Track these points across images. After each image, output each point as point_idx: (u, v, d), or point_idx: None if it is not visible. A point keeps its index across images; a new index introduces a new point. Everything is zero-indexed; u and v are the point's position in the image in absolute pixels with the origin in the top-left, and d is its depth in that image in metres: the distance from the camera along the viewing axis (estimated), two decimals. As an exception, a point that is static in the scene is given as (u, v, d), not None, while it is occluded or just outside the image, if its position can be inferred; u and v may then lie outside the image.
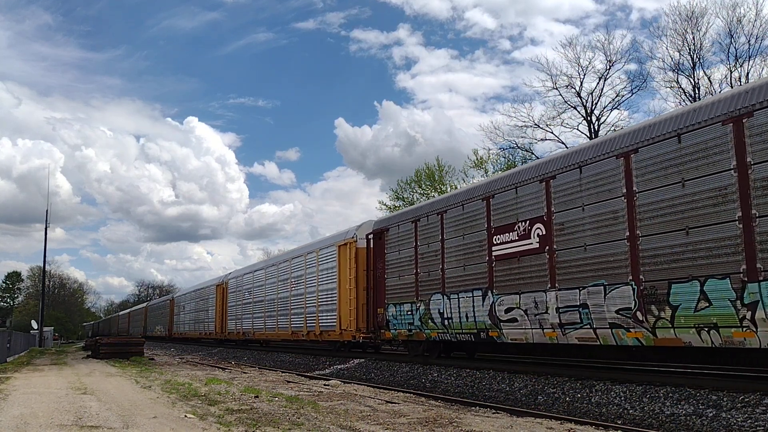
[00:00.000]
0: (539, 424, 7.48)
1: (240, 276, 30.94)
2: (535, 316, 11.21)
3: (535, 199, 11.46)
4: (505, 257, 12.08)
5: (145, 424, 7.31)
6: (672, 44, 30.62)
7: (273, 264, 26.41)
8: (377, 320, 16.99)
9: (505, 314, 12.00)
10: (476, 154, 37.85)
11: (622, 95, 33.28)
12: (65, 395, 10.65)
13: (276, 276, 25.40)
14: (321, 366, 18.30)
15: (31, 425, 7.33)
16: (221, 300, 33.45)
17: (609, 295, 9.72)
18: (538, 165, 11.75)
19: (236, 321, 30.39)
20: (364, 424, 7.33)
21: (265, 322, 26.17)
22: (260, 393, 10.47)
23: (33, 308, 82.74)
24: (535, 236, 11.34)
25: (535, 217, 11.38)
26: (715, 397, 7.95)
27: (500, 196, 12.40)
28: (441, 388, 12.25)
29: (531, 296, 11.32)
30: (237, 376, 15.50)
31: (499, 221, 12.38)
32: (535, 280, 11.26)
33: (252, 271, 29.12)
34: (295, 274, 23.19)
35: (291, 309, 23.31)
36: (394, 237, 16.37)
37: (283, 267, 24.66)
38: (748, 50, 28.39)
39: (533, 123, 35.14)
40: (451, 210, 14.02)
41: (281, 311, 24.37)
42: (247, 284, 29.27)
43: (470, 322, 13.01)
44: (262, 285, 27.02)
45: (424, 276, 14.76)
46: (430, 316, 14.42)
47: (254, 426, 7.02)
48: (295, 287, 23.14)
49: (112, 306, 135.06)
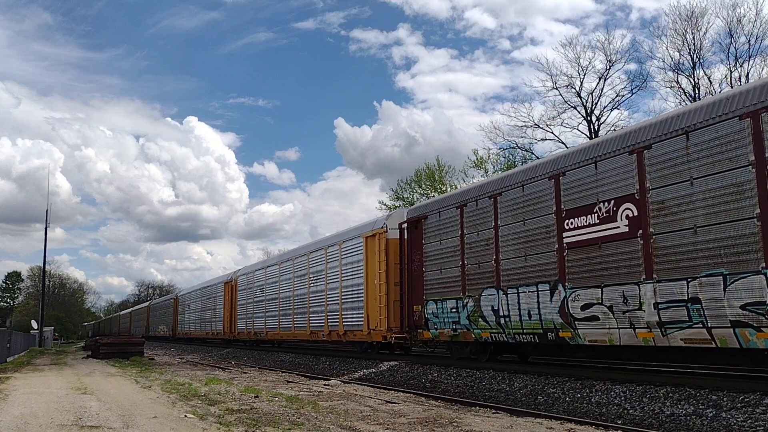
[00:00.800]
0: (539, 424, 7.42)
1: (251, 272, 29.13)
2: (624, 313, 9.42)
3: (622, 174, 9.66)
4: (582, 244, 10.28)
5: (145, 424, 7.28)
6: (672, 44, 30.43)
7: (288, 259, 24.57)
8: (413, 319, 15.20)
9: (581, 311, 10.21)
10: (476, 154, 37.50)
11: (622, 95, 33.17)
12: (65, 395, 10.58)
13: (292, 271, 23.58)
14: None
15: (31, 425, 7.29)
16: (230, 298, 31.66)
17: (731, 287, 7.92)
18: (625, 134, 9.93)
19: (247, 320, 28.59)
20: (364, 424, 7.31)
21: (280, 322, 24.38)
22: (260, 393, 10.42)
23: (33, 308, 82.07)
24: (623, 218, 9.55)
25: (623, 195, 9.58)
26: (715, 397, 7.80)
27: (573, 174, 10.61)
28: (441, 388, 11.94)
29: (618, 290, 9.52)
30: (237, 376, 15.33)
31: (572, 203, 10.58)
32: (624, 270, 9.46)
33: (264, 267, 27.33)
34: (315, 269, 21.38)
35: (310, 307, 21.50)
36: (434, 225, 14.58)
37: (300, 262, 22.84)
38: (748, 50, 28.15)
39: (533, 123, 34.91)
40: (507, 192, 12.22)
41: (298, 309, 22.56)
42: (258, 281, 27.46)
43: (534, 320, 11.22)
44: (276, 281, 25.22)
45: (473, 268, 12.97)
46: (480, 313, 12.63)
47: (254, 426, 6.99)
48: (314, 283, 21.33)
49: (112, 306, 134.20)
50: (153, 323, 54.80)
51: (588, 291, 10.07)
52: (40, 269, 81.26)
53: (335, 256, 19.83)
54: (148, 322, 57.14)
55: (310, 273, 21.71)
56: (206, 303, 36.68)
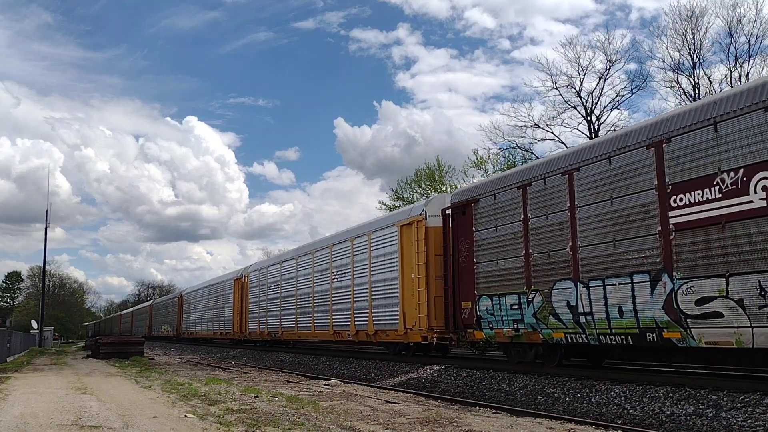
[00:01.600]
0: (539, 423, 7.36)
1: (263, 268, 27.26)
2: (760, 309, 7.55)
3: (756, 137, 7.80)
4: (697, 225, 8.40)
5: (145, 424, 7.23)
6: (672, 44, 30.11)
7: (306, 252, 22.65)
8: (461, 317, 13.35)
9: (696, 307, 8.34)
10: (476, 154, 36.96)
11: (622, 95, 32.86)
12: (65, 395, 10.55)
13: (311, 266, 21.70)
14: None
15: (31, 425, 7.27)
16: (240, 296, 29.80)
17: None
18: (756, 86, 8.06)
19: (260, 319, 26.72)
20: (364, 423, 7.26)
21: (297, 321, 22.50)
22: (260, 393, 10.39)
23: (33, 308, 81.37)
24: (759, 191, 7.68)
25: (758, 162, 7.73)
26: (715, 397, 7.74)
27: (683, 140, 8.74)
28: (441, 388, 11.83)
29: (752, 279, 7.66)
30: (237, 376, 15.31)
31: (681, 174, 8.71)
32: (761, 255, 7.60)
33: (279, 262, 25.44)
34: (338, 263, 19.49)
35: (333, 304, 19.63)
36: (487, 210, 12.72)
37: (321, 255, 20.96)
38: (748, 50, 27.78)
39: (533, 123, 34.57)
40: (586, 167, 10.36)
41: (319, 307, 20.69)
42: (273, 277, 25.59)
43: (627, 318, 9.35)
44: (292, 277, 23.33)
45: (541, 258, 11.11)
46: (552, 310, 10.77)
47: (254, 426, 6.96)
48: (337, 278, 19.46)
49: (112, 306, 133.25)
50: (156, 323, 52.92)
51: (706, 282, 8.20)
52: (40, 269, 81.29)
53: (363, 248, 17.96)
54: (150, 321, 55.32)
55: (333, 267, 19.84)
56: (214, 301, 34.77)
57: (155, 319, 53.59)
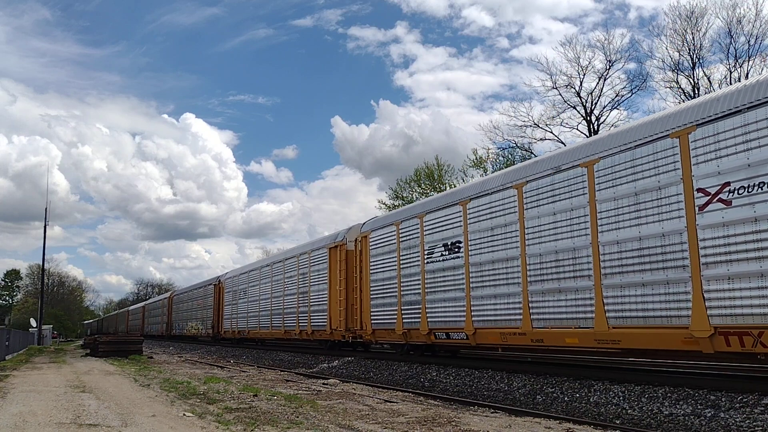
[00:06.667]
0: (538, 423, 7.44)
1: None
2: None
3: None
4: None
5: (144, 423, 7.28)
6: (672, 44, 30.50)
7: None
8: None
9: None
10: (475, 154, 37.76)
11: (621, 95, 33.12)
12: (64, 393, 10.59)
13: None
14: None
15: (30, 423, 7.29)
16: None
17: None
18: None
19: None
20: (363, 423, 7.31)
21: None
22: (259, 392, 10.46)
23: (32, 306, 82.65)
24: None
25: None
26: (713, 397, 7.84)
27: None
28: (440, 388, 12.12)
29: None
30: (236, 374, 15.47)
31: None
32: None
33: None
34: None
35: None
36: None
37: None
38: (748, 50, 28.19)
39: (533, 122, 34.90)
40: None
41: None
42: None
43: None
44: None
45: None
46: (411, 317, 15.19)
47: (253, 425, 7.00)
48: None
49: (111, 304, 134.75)
50: (178, 319, 44.48)
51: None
52: (38, 267, 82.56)
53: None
54: (169, 317, 47.56)
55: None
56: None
57: (176, 314, 45.43)
